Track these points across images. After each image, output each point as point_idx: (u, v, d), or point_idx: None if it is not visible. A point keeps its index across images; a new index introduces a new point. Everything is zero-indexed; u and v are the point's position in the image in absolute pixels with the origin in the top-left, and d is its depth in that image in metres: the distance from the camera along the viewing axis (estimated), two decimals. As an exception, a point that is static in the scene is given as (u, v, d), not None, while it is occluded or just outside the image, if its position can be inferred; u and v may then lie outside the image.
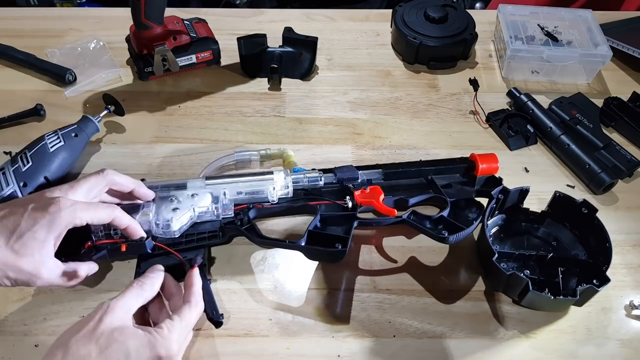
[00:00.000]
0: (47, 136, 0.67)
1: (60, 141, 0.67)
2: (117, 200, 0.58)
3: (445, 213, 0.60)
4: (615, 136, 0.78)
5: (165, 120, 0.78)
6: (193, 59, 0.83)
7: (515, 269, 0.60)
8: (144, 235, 0.56)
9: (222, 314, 0.53)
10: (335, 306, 0.59)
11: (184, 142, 0.75)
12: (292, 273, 0.62)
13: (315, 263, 0.62)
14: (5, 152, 0.72)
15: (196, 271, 0.53)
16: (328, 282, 0.61)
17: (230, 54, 0.87)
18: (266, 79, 0.84)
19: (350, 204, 0.61)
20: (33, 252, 0.47)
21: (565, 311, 0.59)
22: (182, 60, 0.82)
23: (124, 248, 0.54)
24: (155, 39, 0.78)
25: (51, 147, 0.66)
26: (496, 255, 0.56)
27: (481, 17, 0.95)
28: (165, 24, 0.79)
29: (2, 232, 0.47)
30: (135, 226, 0.55)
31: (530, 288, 0.54)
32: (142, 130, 0.77)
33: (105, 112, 0.74)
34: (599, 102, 0.81)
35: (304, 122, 0.79)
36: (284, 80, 0.85)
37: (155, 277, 0.52)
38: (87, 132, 0.71)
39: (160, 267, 0.53)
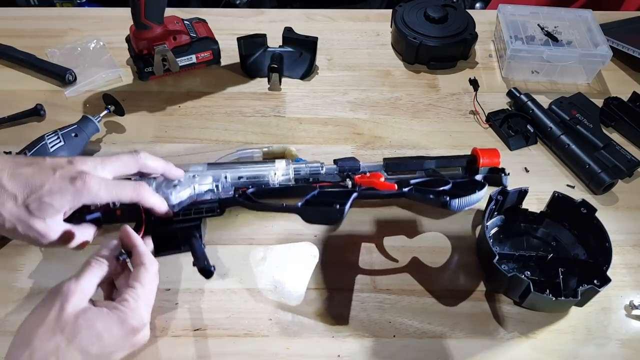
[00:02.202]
0: (47, 136, 0.67)
1: (60, 141, 0.67)
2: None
3: (446, 188, 0.59)
4: (615, 136, 0.78)
5: (165, 120, 0.78)
6: (193, 59, 0.83)
7: (515, 269, 0.60)
8: (170, 212, 0.55)
9: (213, 265, 0.51)
10: (335, 306, 0.59)
11: (184, 142, 0.75)
12: (292, 273, 0.62)
13: (315, 263, 0.62)
14: (5, 152, 0.72)
15: (128, 228, 0.51)
16: (328, 282, 0.61)
17: (230, 54, 0.87)
18: (266, 79, 0.84)
19: (350, 184, 0.60)
20: (46, 216, 0.47)
21: (566, 312, 0.59)
22: (182, 60, 0.82)
23: (119, 213, 0.54)
24: (155, 39, 0.78)
25: (51, 147, 0.66)
26: (497, 257, 0.56)
27: (481, 17, 0.95)
28: (165, 24, 0.79)
29: (24, 188, 0.46)
30: (161, 205, 0.54)
31: (532, 290, 0.54)
32: (142, 130, 0.77)
33: (105, 112, 0.74)
34: (599, 102, 0.81)
35: (304, 122, 0.79)
36: (284, 80, 0.85)
37: (113, 251, 0.50)
38: (87, 132, 0.71)
39: (128, 231, 0.51)
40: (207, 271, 0.51)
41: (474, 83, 0.84)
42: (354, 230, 0.66)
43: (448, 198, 0.54)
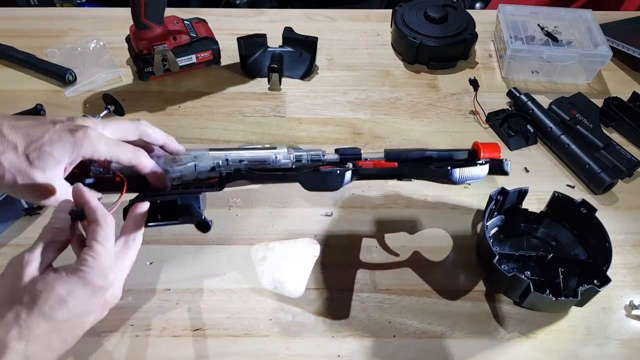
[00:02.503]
0: (47, 136, 0.67)
1: (60, 141, 0.67)
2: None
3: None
4: (615, 136, 0.78)
5: (165, 120, 0.78)
6: (193, 59, 0.83)
7: (515, 269, 0.60)
8: (167, 184, 0.54)
9: (210, 220, 0.50)
10: (335, 306, 0.59)
11: (184, 142, 0.74)
12: (292, 273, 0.62)
13: (315, 263, 0.62)
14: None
15: (79, 185, 0.48)
16: (328, 282, 0.61)
17: (230, 54, 0.87)
18: (266, 79, 0.84)
19: (351, 165, 0.59)
20: (45, 167, 0.46)
21: (566, 312, 0.59)
22: (182, 60, 0.82)
23: (118, 179, 0.53)
24: (155, 39, 0.78)
25: (51, 147, 0.65)
26: (497, 257, 0.56)
27: (481, 17, 0.95)
28: (165, 24, 0.79)
29: (24, 138, 0.46)
30: (159, 172, 0.54)
31: (532, 290, 0.54)
32: (142, 130, 0.77)
33: (105, 112, 0.75)
34: (599, 102, 0.81)
35: (304, 122, 0.79)
36: (284, 80, 0.85)
37: (66, 213, 0.47)
38: (87, 132, 0.71)
39: (80, 188, 0.47)
40: (204, 224, 0.50)
41: (474, 83, 0.84)
42: (354, 230, 0.66)
43: (450, 167, 0.54)
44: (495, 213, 0.65)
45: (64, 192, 0.48)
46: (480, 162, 0.60)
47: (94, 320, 0.46)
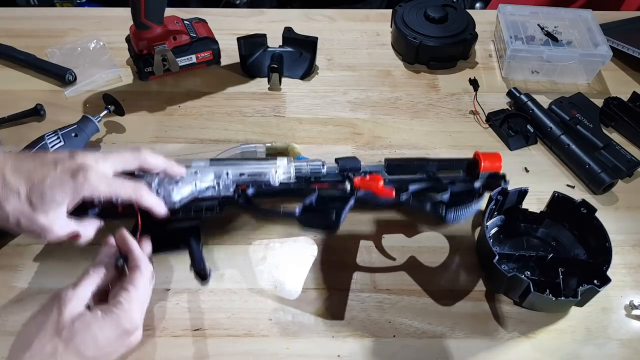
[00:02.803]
0: (47, 136, 0.67)
1: (60, 141, 0.67)
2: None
3: (445, 197, 0.59)
4: (615, 136, 0.78)
5: (165, 120, 0.78)
6: (193, 59, 0.83)
7: (515, 270, 0.60)
8: (167, 214, 0.56)
9: (209, 269, 0.53)
10: (335, 306, 0.59)
11: (184, 142, 0.76)
12: (292, 273, 0.62)
13: (316, 263, 0.62)
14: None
15: (124, 233, 0.52)
16: (328, 282, 0.61)
17: (230, 54, 0.87)
18: (266, 79, 0.84)
19: (348, 187, 0.60)
20: (48, 210, 0.48)
21: (566, 312, 0.59)
22: (182, 60, 0.82)
23: (121, 209, 0.54)
24: (155, 39, 0.78)
25: (51, 147, 0.66)
26: (497, 257, 0.56)
27: (481, 17, 0.95)
28: (165, 24, 0.79)
29: (26, 183, 0.47)
30: (159, 207, 0.55)
31: (532, 290, 0.54)
32: (142, 130, 0.77)
33: (105, 112, 0.74)
34: (599, 102, 0.81)
35: (304, 122, 0.79)
36: (284, 80, 0.85)
37: (110, 258, 0.52)
38: (87, 132, 0.71)
39: (124, 235, 0.52)
40: (202, 274, 0.53)
41: (474, 83, 0.84)
42: (353, 230, 0.66)
43: (444, 212, 0.56)
44: (495, 213, 0.65)
45: (65, 230, 0.51)
46: (477, 187, 0.61)
47: (116, 357, 0.49)
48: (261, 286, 0.60)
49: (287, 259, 0.63)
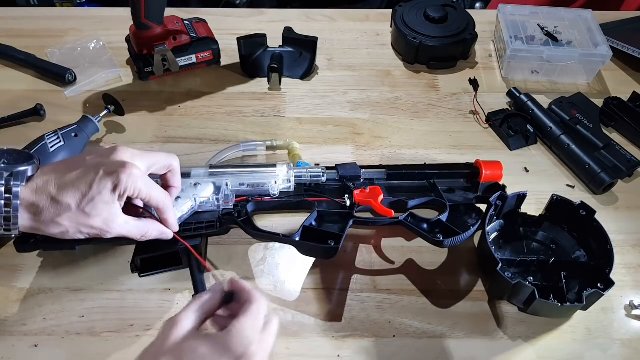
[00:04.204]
0: (47, 136, 0.67)
1: (60, 141, 0.67)
2: None
3: (443, 217, 0.60)
4: (615, 136, 0.78)
5: (165, 120, 0.78)
6: (193, 59, 0.83)
7: (517, 275, 0.60)
8: (171, 235, 0.56)
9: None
10: (335, 306, 0.59)
11: (184, 142, 0.76)
12: (292, 273, 0.62)
13: (316, 263, 0.62)
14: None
15: (235, 278, 0.52)
16: (328, 282, 0.61)
17: (230, 54, 0.87)
18: (266, 79, 0.84)
19: (348, 203, 0.61)
20: (102, 212, 0.49)
21: (570, 317, 0.58)
22: (182, 60, 0.82)
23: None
24: (155, 39, 0.78)
25: (51, 147, 0.66)
26: (500, 264, 0.56)
27: (481, 17, 0.95)
28: (165, 24, 0.79)
29: (75, 194, 0.48)
30: (173, 227, 0.56)
31: (537, 296, 0.53)
32: (142, 130, 0.77)
33: (105, 112, 0.75)
34: (599, 102, 0.81)
35: (304, 122, 0.79)
36: (284, 80, 0.85)
37: (216, 297, 0.49)
38: (87, 132, 0.71)
39: (238, 281, 0.50)
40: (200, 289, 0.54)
41: (474, 83, 0.84)
42: (353, 230, 0.66)
43: (442, 237, 0.57)
44: (495, 218, 0.65)
45: (124, 227, 0.52)
46: (477, 206, 0.63)
47: None
48: (261, 286, 0.60)
49: (286, 259, 0.63)
